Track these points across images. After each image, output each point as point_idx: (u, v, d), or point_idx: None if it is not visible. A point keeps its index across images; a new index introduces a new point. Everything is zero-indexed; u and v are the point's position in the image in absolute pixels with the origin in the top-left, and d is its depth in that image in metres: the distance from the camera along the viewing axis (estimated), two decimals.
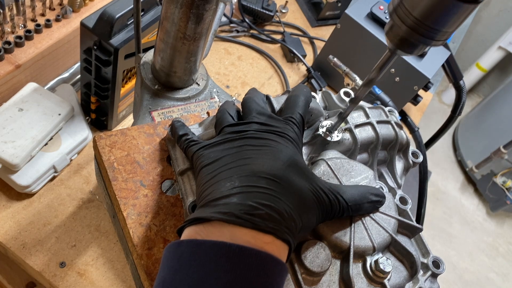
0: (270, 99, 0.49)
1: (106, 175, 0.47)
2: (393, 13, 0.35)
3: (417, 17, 0.33)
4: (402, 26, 0.35)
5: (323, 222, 0.40)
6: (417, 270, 0.44)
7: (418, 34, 0.34)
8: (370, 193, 0.43)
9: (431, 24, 0.33)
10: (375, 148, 0.52)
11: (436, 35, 0.34)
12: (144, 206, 0.46)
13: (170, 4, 0.51)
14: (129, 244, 0.45)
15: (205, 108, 0.63)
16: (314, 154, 0.49)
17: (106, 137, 0.49)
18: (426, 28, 0.34)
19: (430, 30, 0.34)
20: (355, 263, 0.42)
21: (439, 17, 0.33)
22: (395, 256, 0.45)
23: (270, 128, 0.41)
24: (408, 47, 0.36)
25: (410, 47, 0.36)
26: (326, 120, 0.50)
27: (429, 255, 0.48)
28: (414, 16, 0.33)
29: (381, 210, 0.45)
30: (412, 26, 0.34)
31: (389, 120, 0.53)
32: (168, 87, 0.62)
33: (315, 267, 0.39)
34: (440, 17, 0.33)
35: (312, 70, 1.05)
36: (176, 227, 0.44)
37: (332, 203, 0.39)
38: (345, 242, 0.42)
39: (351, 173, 0.46)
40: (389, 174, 0.54)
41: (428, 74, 0.92)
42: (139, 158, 0.49)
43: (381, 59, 0.39)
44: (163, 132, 0.51)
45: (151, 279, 0.42)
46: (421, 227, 0.47)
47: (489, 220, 2.53)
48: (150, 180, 0.48)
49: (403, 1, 0.34)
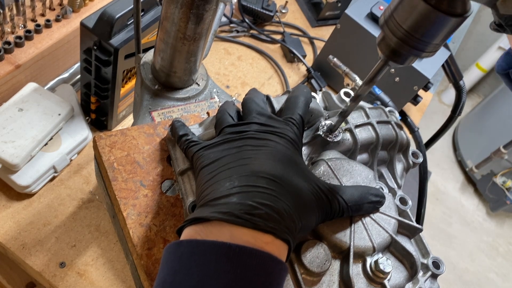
0: (270, 99, 0.49)
1: (106, 175, 0.47)
2: (384, 25, 0.36)
3: (407, 30, 0.34)
4: (393, 38, 0.36)
5: (323, 222, 0.40)
6: (417, 271, 0.44)
7: (409, 46, 0.35)
8: (370, 193, 0.43)
9: (421, 36, 0.34)
10: (375, 149, 0.52)
11: (426, 47, 0.35)
12: (144, 206, 0.46)
13: (170, 4, 0.51)
14: (129, 244, 0.45)
15: (205, 108, 0.63)
16: (314, 155, 0.49)
17: (106, 137, 0.49)
18: (416, 40, 0.35)
19: (420, 42, 0.35)
20: (355, 263, 0.42)
21: (428, 30, 0.34)
22: (395, 256, 0.45)
23: (270, 128, 0.41)
24: (399, 58, 0.37)
25: (401, 58, 0.37)
26: (327, 120, 0.50)
27: (429, 256, 0.48)
28: (404, 29, 0.34)
29: (381, 210, 0.45)
30: (402, 38, 0.35)
31: (389, 121, 0.53)
32: (168, 87, 0.62)
33: (315, 267, 0.39)
34: (429, 30, 0.34)
35: (312, 70, 1.05)
36: (176, 227, 0.44)
37: (331, 203, 0.39)
38: (345, 242, 0.42)
39: (351, 173, 0.46)
40: (389, 174, 0.54)
41: (428, 74, 0.92)
42: (139, 158, 0.49)
43: (374, 69, 0.40)
44: (163, 132, 0.51)
45: (151, 279, 0.42)
46: (421, 227, 0.47)
47: (489, 220, 2.53)
48: (150, 180, 0.48)
49: (393, 14, 0.35)
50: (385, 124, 0.53)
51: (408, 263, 0.44)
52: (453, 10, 0.32)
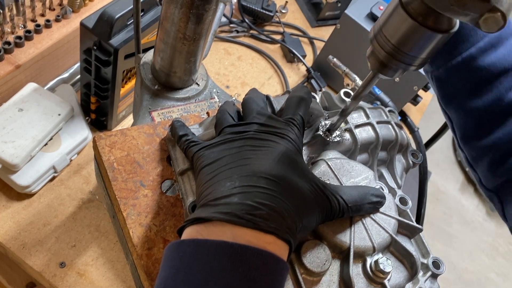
0: (271, 99, 0.49)
1: (106, 175, 0.47)
2: (373, 40, 0.37)
3: (395, 44, 0.35)
4: (382, 52, 0.37)
5: (323, 223, 0.40)
6: (417, 271, 0.44)
7: (397, 60, 0.36)
8: (370, 193, 0.43)
9: (408, 51, 0.35)
10: (375, 149, 0.52)
11: (413, 61, 0.36)
12: (144, 206, 0.46)
13: (170, 4, 0.51)
14: (129, 244, 0.45)
15: (205, 108, 0.63)
16: (314, 155, 0.49)
17: (106, 137, 0.49)
18: (403, 54, 0.36)
19: (407, 56, 0.36)
20: (355, 263, 0.42)
21: (415, 45, 0.35)
22: (395, 256, 0.45)
23: (271, 129, 0.41)
24: (387, 71, 0.38)
25: (389, 71, 0.38)
26: (326, 120, 0.50)
27: (429, 256, 0.48)
28: (392, 44, 0.35)
29: (381, 210, 0.45)
30: (390, 53, 0.36)
31: (389, 121, 0.53)
32: (168, 87, 0.62)
33: (315, 267, 0.39)
34: (416, 45, 0.35)
35: (312, 70, 1.05)
36: (176, 227, 0.44)
37: (332, 204, 0.39)
38: (345, 242, 0.42)
39: (351, 173, 0.46)
40: (389, 174, 0.54)
41: None
42: (139, 158, 0.49)
43: (365, 79, 0.41)
44: (163, 132, 0.51)
45: (151, 279, 0.42)
46: (421, 227, 0.47)
47: (489, 220, 2.53)
48: (150, 180, 0.48)
49: (382, 29, 0.36)
50: (385, 124, 0.53)
51: (408, 263, 0.44)
52: (439, 26, 0.33)
